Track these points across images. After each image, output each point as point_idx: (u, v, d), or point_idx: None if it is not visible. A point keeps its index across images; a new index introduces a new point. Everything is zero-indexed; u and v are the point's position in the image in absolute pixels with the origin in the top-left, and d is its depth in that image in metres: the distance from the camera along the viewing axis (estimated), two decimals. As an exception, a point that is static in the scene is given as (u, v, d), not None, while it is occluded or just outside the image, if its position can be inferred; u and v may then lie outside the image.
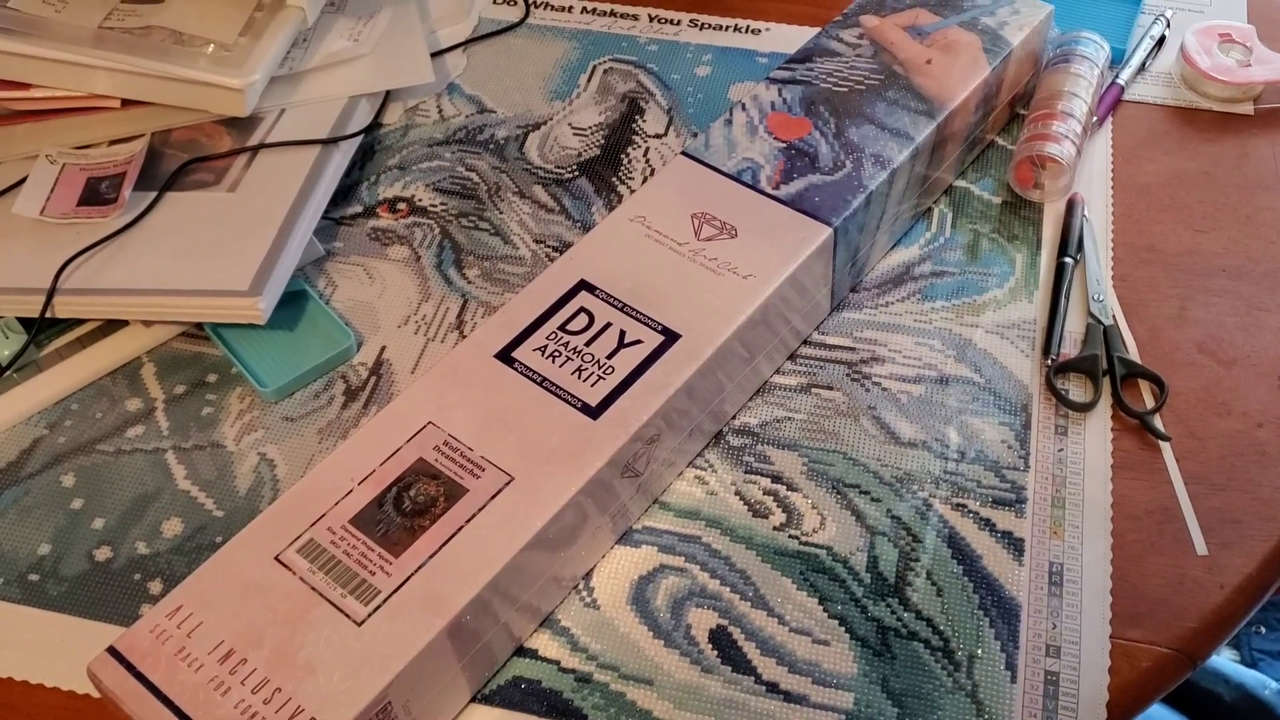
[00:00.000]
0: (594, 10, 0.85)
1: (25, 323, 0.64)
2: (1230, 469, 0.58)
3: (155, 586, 0.55)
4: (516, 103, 0.78)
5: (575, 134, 0.76)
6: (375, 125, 0.76)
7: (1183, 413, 0.61)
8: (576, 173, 0.74)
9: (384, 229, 0.71)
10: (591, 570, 0.55)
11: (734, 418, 0.61)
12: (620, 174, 0.73)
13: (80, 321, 0.65)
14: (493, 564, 0.48)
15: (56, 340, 0.65)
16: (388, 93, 0.78)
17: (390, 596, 0.47)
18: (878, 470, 0.59)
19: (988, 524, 0.56)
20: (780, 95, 0.67)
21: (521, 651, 0.53)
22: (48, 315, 0.62)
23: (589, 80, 0.80)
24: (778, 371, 0.63)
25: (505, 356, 0.55)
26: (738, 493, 0.58)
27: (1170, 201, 0.71)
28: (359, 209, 0.72)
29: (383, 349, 0.65)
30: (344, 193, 0.73)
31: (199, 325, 0.66)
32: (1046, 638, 0.53)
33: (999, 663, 0.52)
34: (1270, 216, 0.70)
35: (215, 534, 0.57)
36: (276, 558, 0.48)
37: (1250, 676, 0.91)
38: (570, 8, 0.85)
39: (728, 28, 0.83)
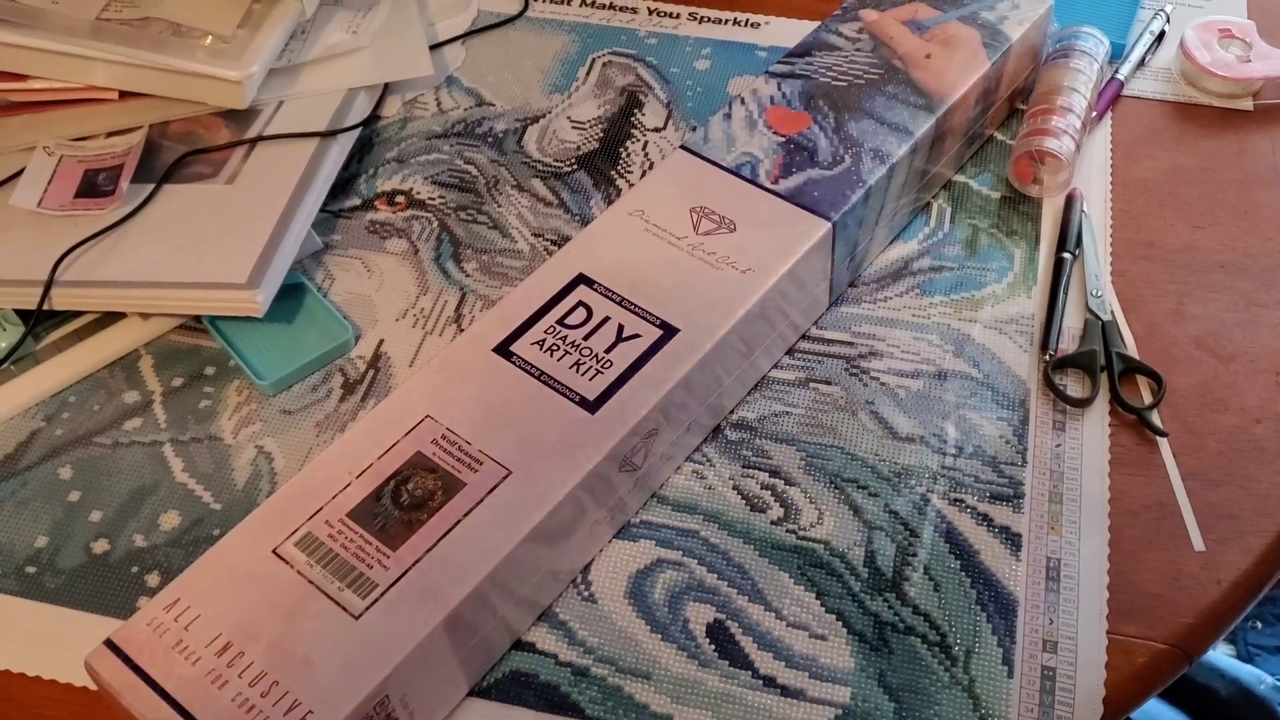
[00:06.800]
0: (593, 3, 0.85)
1: (23, 315, 0.64)
2: (1228, 465, 0.58)
3: (153, 579, 0.55)
4: (515, 96, 0.78)
5: (574, 127, 0.76)
6: (373, 118, 0.76)
7: (1180, 408, 0.61)
8: (575, 166, 0.74)
9: (382, 222, 0.71)
10: (589, 564, 0.55)
11: (732, 412, 0.61)
12: (619, 168, 0.73)
13: (78, 314, 0.65)
14: (490, 558, 0.48)
15: (54, 333, 0.65)
16: (386, 85, 0.77)
17: (388, 590, 0.47)
18: (875, 465, 0.59)
19: (985, 519, 0.56)
20: (779, 89, 0.66)
21: (519, 645, 0.53)
22: (45, 307, 0.62)
23: (588, 74, 0.80)
24: (776, 366, 0.63)
25: (503, 350, 0.55)
26: (735, 487, 0.58)
27: (1169, 197, 0.71)
28: (357, 202, 0.72)
29: (381, 342, 0.65)
30: (342, 186, 0.73)
31: (197, 318, 0.66)
32: (1043, 633, 0.53)
33: (996, 658, 0.52)
34: (1269, 212, 0.70)
35: (213, 527, 0.57)
36: (274, 551, 0.48)
37: (1246, 672, 0.92)
38: (569, 0, 0.85)
39: (727, 21, 0.83)
